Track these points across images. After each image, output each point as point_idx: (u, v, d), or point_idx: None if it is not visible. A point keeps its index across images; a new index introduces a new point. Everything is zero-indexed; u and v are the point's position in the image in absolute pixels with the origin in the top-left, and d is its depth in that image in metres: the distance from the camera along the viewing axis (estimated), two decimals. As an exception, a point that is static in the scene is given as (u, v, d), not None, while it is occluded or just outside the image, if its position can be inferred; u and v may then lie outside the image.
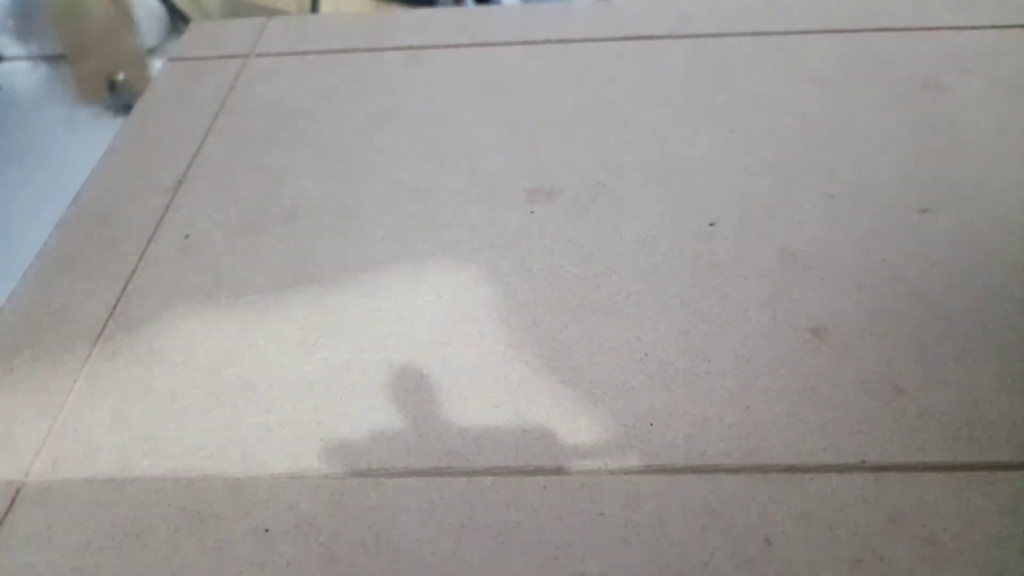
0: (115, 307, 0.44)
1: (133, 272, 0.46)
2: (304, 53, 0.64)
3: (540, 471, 0.35)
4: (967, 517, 0.32)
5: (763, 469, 0.34)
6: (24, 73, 1.58)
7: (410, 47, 0.63)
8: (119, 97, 1.45)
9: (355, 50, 0.64)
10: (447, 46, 0.63)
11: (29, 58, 1.59)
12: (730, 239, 0.45)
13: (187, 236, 0.48)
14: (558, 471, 0.35)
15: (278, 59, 0.63)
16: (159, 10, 1.54)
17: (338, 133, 0.55)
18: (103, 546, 0.34)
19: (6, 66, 1.59)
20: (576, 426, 0.36)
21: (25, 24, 1.53)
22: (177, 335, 0.42)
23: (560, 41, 0.63)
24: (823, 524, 0.32)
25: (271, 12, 0.70)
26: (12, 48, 1.59)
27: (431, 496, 0.34)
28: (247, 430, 0.37)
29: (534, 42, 0.63)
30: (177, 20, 1.55)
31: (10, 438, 0.38)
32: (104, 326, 0.43)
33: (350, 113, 0.57)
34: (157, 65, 1.45)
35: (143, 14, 1.47)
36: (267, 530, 0.34)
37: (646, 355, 0.39)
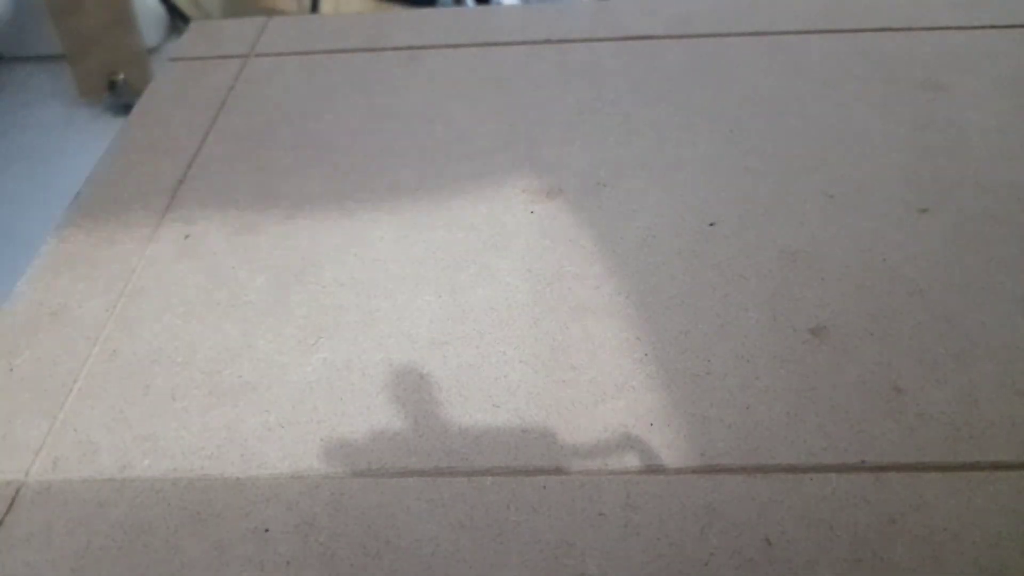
0: (115, 307, 0.44)
1: (133, 272, 0.46)
2: (304, 53, 0.64)
3: (540, 471, 0.35)
4: (967, 517, 0.32)
5: (763, 469, 0.34)
6: (24, 73, 1.58)
7: (410, 47, 0.63)
8: (119, 97, 1.45)
9: (355, 50, 0.64)
10: (447, 46, 0.63)
11: (29, 58, 1.59)
12: (730, 239, 0.45)
13: (187, 236, 0.48)
14: (558, 471, 0.35)
15: (278, 59, 0.63)
16: (159, 10, 1.54)
17: (338, 133, 0.55)
18: (103, 546, 0.34)
19: (6, 66, 1.59)
20: (576, 426, 0.36)
21: (25, 24, 1.53)
22: (177, 335, 0.42)
23: (560, 41, 0.63)
24: (823, 524, 0.32)
25: (271, 12, 0.70)
26: (12, 48, 1.59)
27: (431, 496, 0.34)
28: (247, 430, 0.37)
29: (534, 42, 0.63)
30: (177, 20, 1.55)
31: (10, 438, 0.38)
32: (104, 326, 0.43)
33: (350, 113, 0.57)
34: (157, 65, 1.45)
35: (143, 14, 1.47)
36: (267, 530, 0.34)
37: (646, 355, 0.39)
